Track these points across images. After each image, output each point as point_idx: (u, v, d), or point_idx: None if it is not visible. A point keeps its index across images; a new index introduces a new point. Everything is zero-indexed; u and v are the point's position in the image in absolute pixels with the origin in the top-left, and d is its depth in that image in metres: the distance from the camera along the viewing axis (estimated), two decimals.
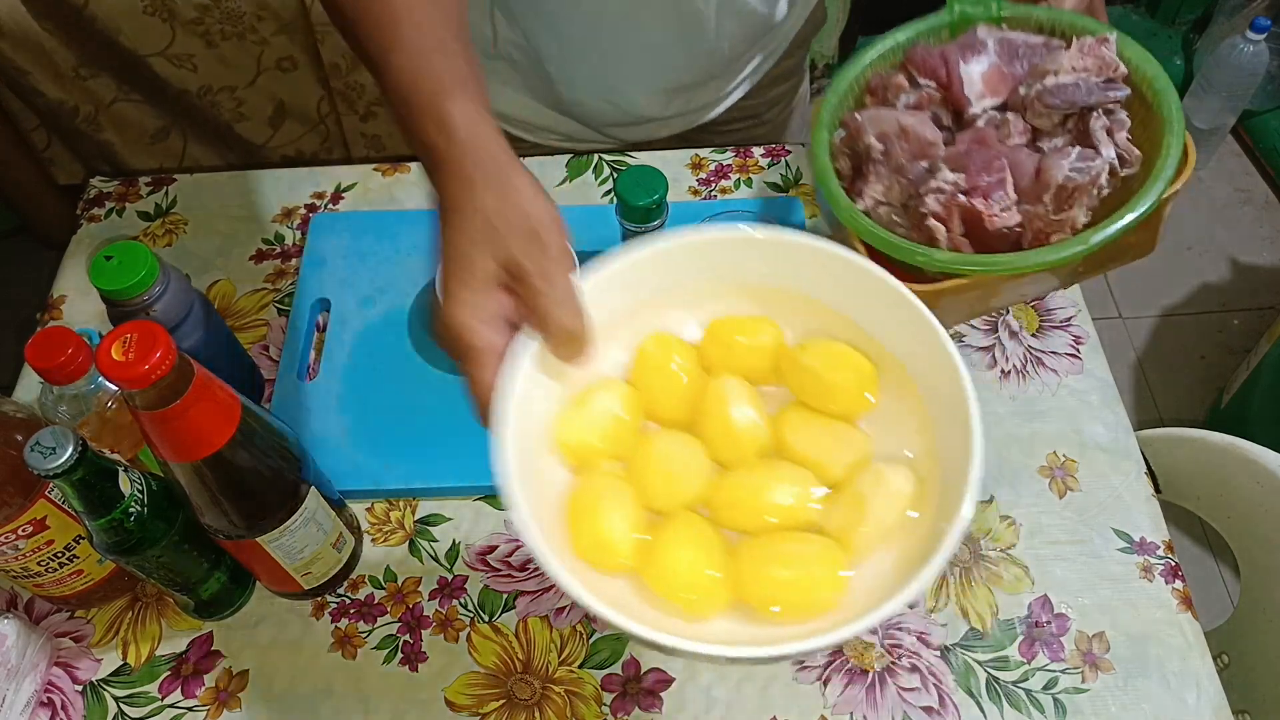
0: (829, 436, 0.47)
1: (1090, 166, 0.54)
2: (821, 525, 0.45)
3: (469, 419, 0.55)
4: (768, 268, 0.50)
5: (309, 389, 0.76)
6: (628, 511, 0.45)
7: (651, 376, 0.49)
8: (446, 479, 0.72)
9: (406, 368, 0.76)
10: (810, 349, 0.49)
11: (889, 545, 0.44)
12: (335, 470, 0.70)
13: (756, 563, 0.44)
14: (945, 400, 0.44)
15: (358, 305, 0.80)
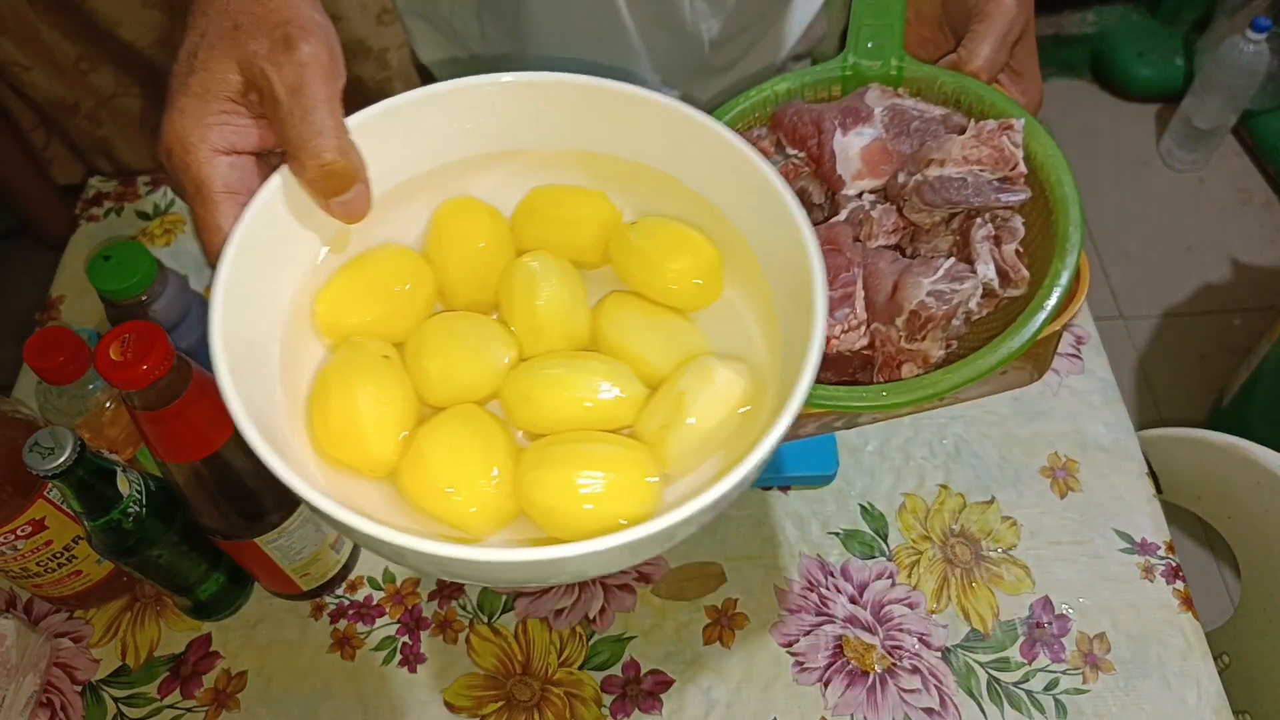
0: (656, 330, 0.40)
1: (955, 291, 0.43)
2: (636, 429, 0.38)
3: None
4: (607, 128, 0.41)
5: None
6: (388, 398, 0.36)
7: (447, 248, 0.41)
8: None
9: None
10: (645, 228, 0.41)
11: (706, 454, 0.37)
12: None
13: (544, 467, 0.35)
14: (793, 291, 0.37)
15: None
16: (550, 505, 0.34)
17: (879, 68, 0.49)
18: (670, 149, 0.41)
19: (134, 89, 1.54)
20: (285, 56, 0.35)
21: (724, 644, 0.67)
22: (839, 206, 0.48)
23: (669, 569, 0.69)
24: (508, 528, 0.35)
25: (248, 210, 0.36)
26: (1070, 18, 2.05)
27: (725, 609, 0.68)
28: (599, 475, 0.34)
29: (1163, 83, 2.00)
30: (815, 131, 0.47)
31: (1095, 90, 2.08)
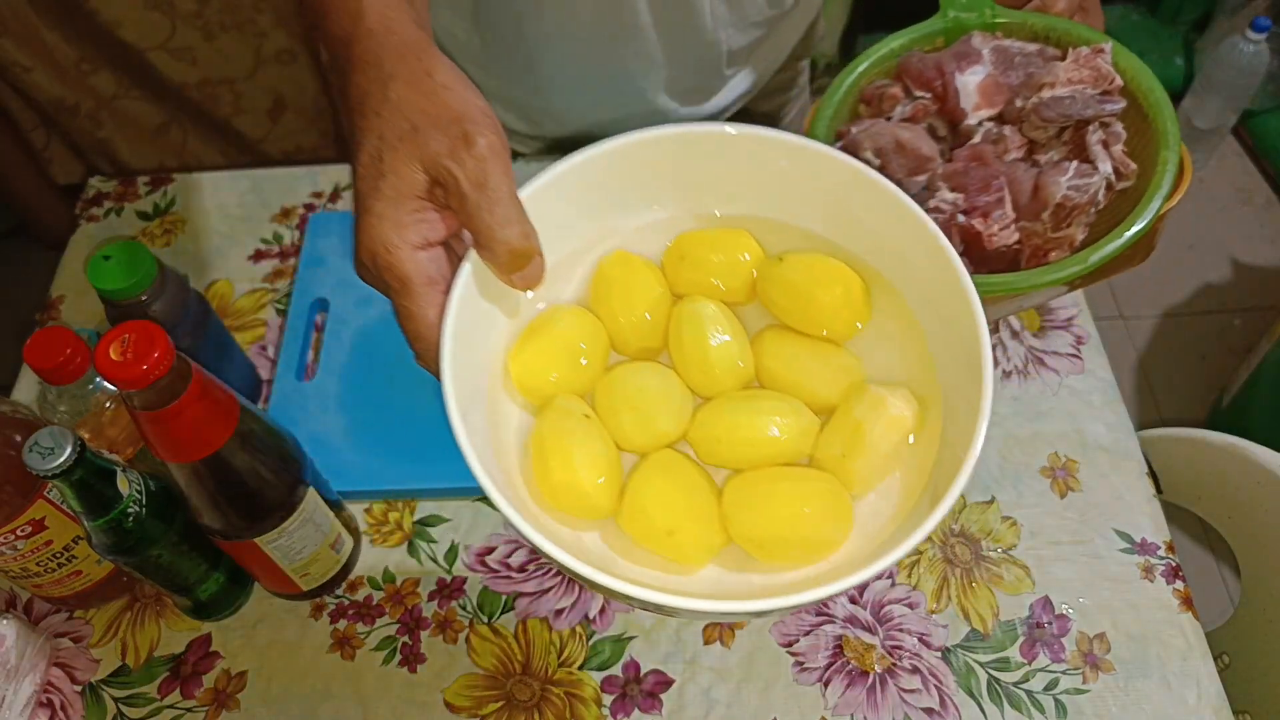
0: (816, 361, 0.43)
1: (1088, 184, 0.53)
2: (816, 457, 0.42)
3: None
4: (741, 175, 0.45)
5: (307, 389, 0.76)
6: (597, 452, 0.40)
7: (614, 301, 0.44)
8: (444, 480, 0.71)
9: (404, 369, 0.73)
10: (792, 263, 0.44)
11: (890, 475, 0.41)
12: (333, 471, 0.70)
13: (749, 502, 0.39)
14: (944, 315, 0.41)
15: (356, 305, 0.79)
16: (763, 538, 0.39)
17: (976, 18, 0.58)
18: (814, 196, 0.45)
19: (134, 91, 1.54)
20: (466, 153, 0.38)
21: (724, 644, 0.67)
22: (963, 135, 0.57)
23: None
24: (719, 556, 0.40)
25: (451, 298, 0.40)
26: None
27: None
28: (804, 508, 0.39)
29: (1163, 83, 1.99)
30: (939, 74, 0.56)
31: None
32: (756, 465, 0.42)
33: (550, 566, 0.70)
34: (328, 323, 0.79)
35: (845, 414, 0.41)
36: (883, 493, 0.41)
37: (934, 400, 0.42)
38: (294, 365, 0.76)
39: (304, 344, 0.78)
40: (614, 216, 0.45)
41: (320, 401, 0.75)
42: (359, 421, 0.74)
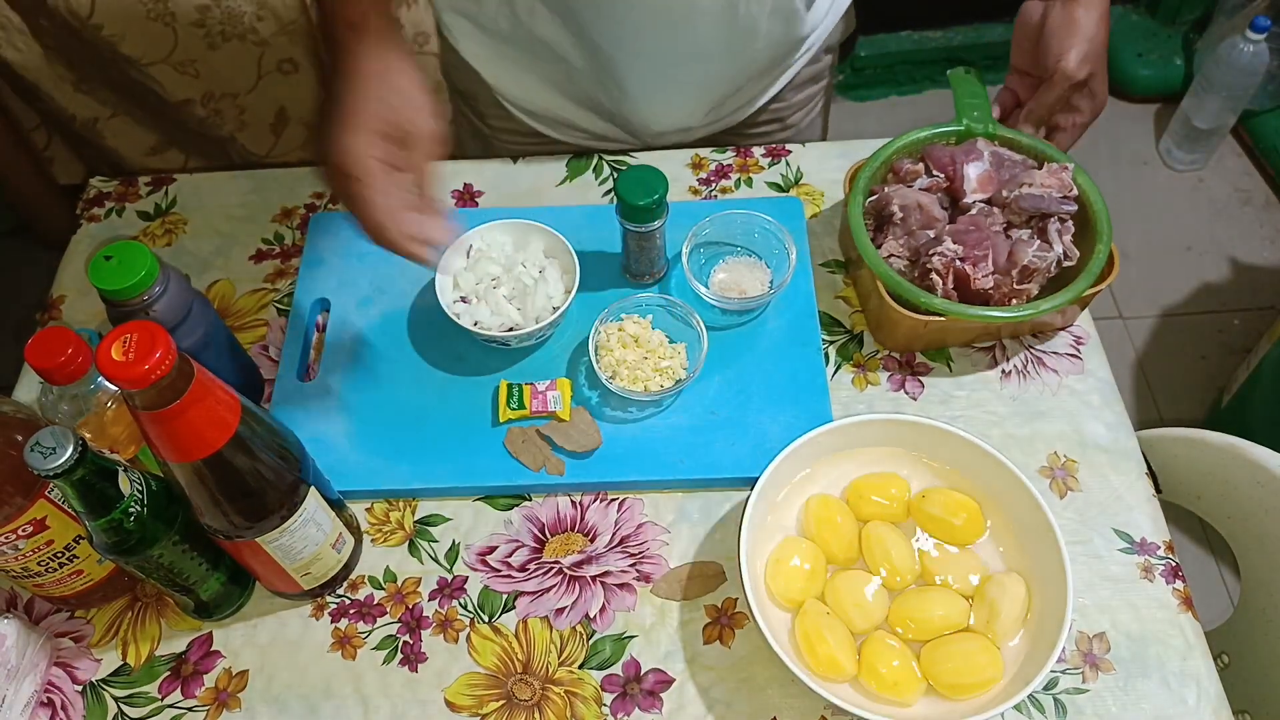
0: (958, 562, 0.66)
1: (1046, 256, 0.74)
2: (971, 626, 0.64)
3: (470, 422, 0.74)
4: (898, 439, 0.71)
5: (309, 389, 0.76)
6: (842, 637, 0.63)
7: (823, 530, 0.67)
8: (446, 479, 0.72)
9: (406, 368, 0.76)
10: (931, 498, 0.68)
11: (1018, 629, 0.64)
12: (335, 470, 0.70)
13: (939, 660, 0.62)
14: (1029, 523, 0.66)
15: (357, 306, 0.80)
16: (950, 681, 0.62)
17: (981, 129, 0.80)
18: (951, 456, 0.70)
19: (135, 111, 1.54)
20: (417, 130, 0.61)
21: (724, 644, 0.67)
22: (961, 208, 0.78)
23: (669, 569, 0.70)
24: (924, 696, 0.62)
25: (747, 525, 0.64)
26: None
27: (725, 608, 0.68)
28: (973, 660, 0.62)
29: (1162, 83, 2.00)
30: (951, 163, 0.78)
31: None
32: (934, 636, 0.64)
33: (551, 567, 0.70)
34: (329, 323, 0.79)
35: (983, 596, 0.65)
36: (1016, 642, 0.64)
37: (1032, 576, 0.65)
38: (295, 366, 0.76)
39: (305, 344, 0.78)
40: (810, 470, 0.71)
41: (321, 401, 0.75)
42: (360, 421, 0.74)
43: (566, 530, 0.71)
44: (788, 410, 0.73)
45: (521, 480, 0.71)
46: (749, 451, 0.71)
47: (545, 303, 0.75)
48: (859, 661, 0.63)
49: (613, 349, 0.74)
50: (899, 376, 0.78)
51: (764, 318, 0.79)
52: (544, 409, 0.73)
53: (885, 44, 2.03)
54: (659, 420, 0.74)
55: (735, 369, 0.76)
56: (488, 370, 0.76)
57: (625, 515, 0.72)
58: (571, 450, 0.72)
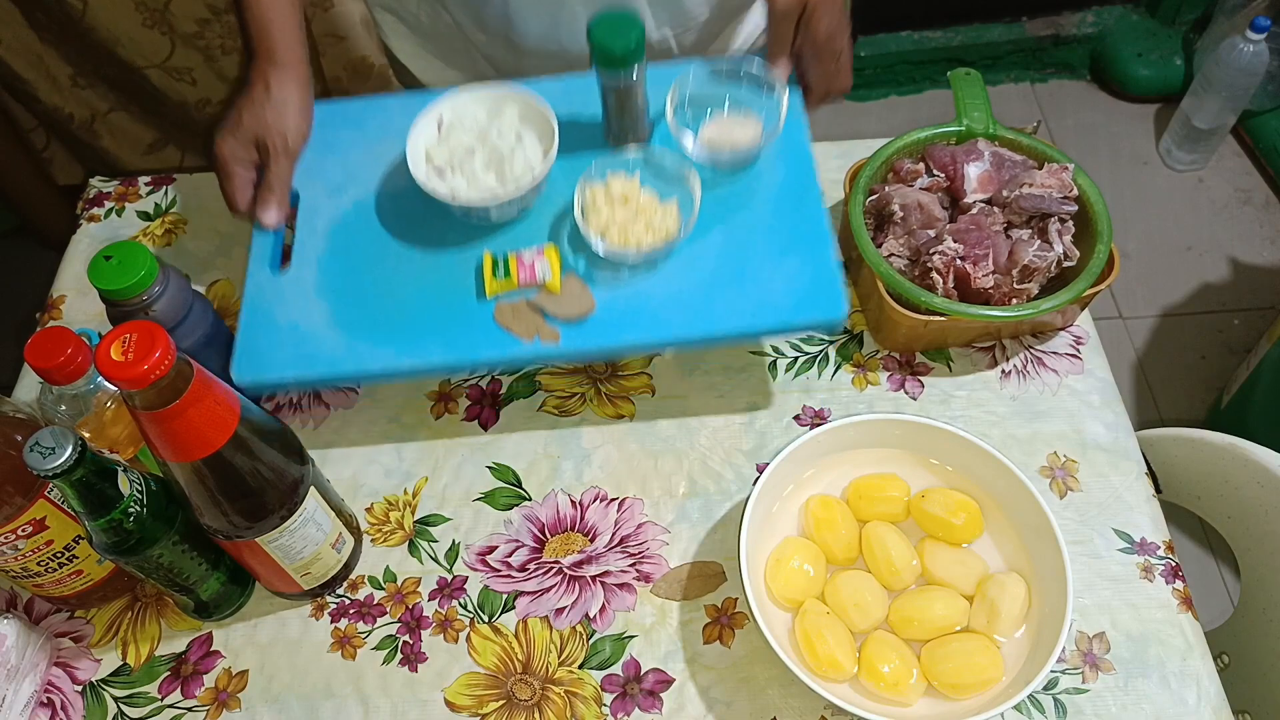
0: (958, 562, 0.66)
1: (1046, 256, 0.74)
2: (970, 626, 0.64)
3: (455, 298, 0.71)
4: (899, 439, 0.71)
5: (283, 280, 0.72)
6: (841, 636, 0.63)
7: (823, 530, 0.68)
8: (434, 356, 0.68)
9: (384, 251, 0.73)
10: (931, 498, 0.68)
11: (1018, 629, 0.64)
12: (317, 358, 0.68)
13: (939, 660, 0.63)
14: (1031, 523, 0.66)
15: (328, 194, 0.76)
16: (951, 681, 0.62)
17: (981, 129, 0.80)
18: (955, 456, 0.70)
19: (132, 108, 1.54)
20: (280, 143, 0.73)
21: (724, 643, 0.67)
22: (962, 208, 0.78)
23: (669, 569, 0.70)
24: (925, 696, 0.63)
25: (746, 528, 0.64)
26: (1070, 18, 2.05)
27: (725, 608, 0.68)
28: (973, 660, 0.62)
29: (1162, 83, 2.00)
30: (952, 162, 0.78)
31: (1095, 90, 2.08)
32: (934, 635, 0.64)
33: (551, 567, 0.70)
34: (299, 215, 0.75)
35: (984, 595, 0.65)
36: (1016, 641, 0.64)
37: (1033, 576, 0.65)
38: (266, 258, 0.73)
39: (277, 236, 0.74)
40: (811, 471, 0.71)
41: (299, 290, 0.71)
42: (341, 307, 0.70)
43: (566, 530, 0.71)
44: (790, 261, 0.69)
45: (514, 352, 0.68)
46: (752, 307, 0.68)
47: (525, 169, 0.71)
48: (859, 661, 0.63)
49: (600, 210, 0.70)
50: (899, 376, 0.78)
51: (758, 171, 0.74)
52: (532, 279, 0.69)
53: (885, 44, 2.03)
54: (655, 283, 0.70)
55: (732, 225, 0.72)
56: (469, 245, 0.72)
57: (625, 515, 0.72)
58: (564, 318, 0.68)
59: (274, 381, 0.68)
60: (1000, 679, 0.62)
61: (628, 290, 0.69)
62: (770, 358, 0.79)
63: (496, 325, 0.68)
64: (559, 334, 0.68)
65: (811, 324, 0.69)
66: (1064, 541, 0.63)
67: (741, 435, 0.75)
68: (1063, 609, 0.61)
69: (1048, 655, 0.59)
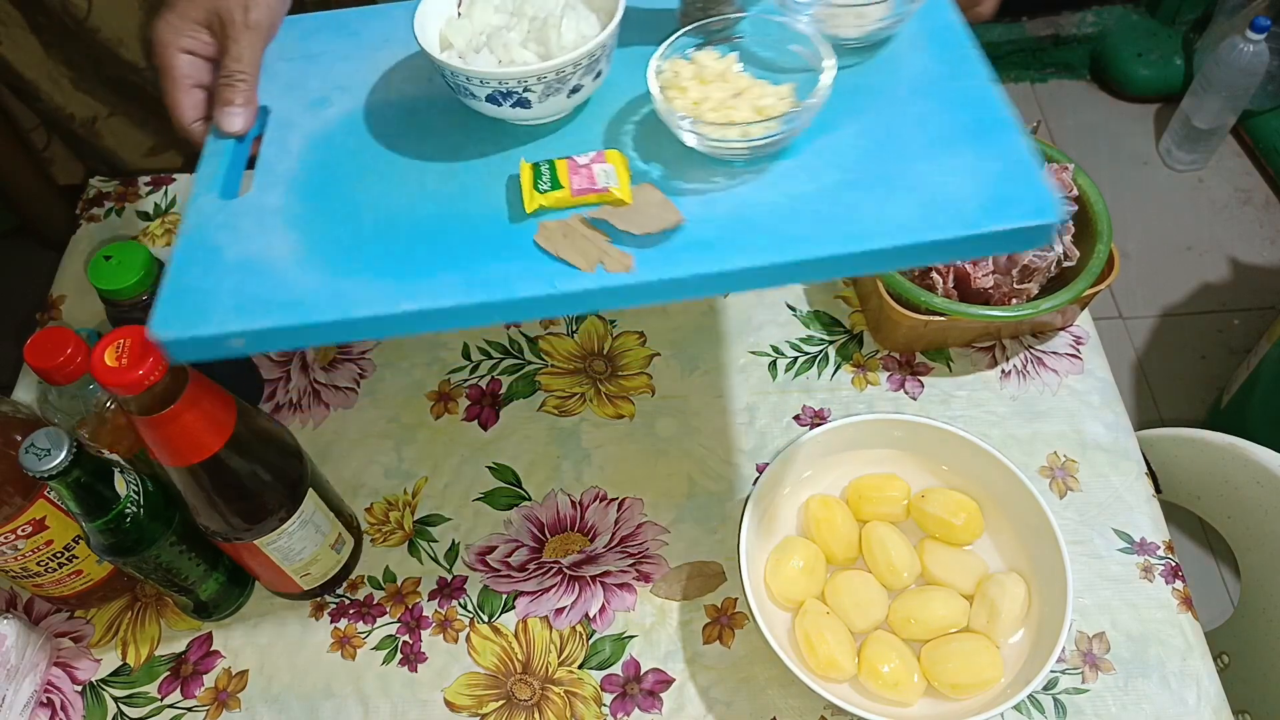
0: (957, 562, 0.66)
1: (1046, 255, 0.74)
2: (970, 626, 0.65)
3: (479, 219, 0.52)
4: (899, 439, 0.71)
5: (239, 207, 0.54)
6: (841, 636, 0.63)
7: (823, 530, 0.67)
8: (452, 294, 0.49)
9: (377, 165, 0.56)
10: (931, 498, 0.68)
11: (1018, 629, 0.64)
12: (282, 301, 0.49)
13: (939, 660, 0.63)
14: (1032, 526, 0.66)
15: (307, 108, 0.60)
16: (951, 681, 0.62)
17: None
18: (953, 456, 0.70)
19: (134, 109, 1.54)
20: (241, 16, 0.56)
21: (724, 643, 0.67)
22: None
23: (669, 569, 0.69)
24: (924, 695, 0.62)
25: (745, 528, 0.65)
26: (1070, 18, 2.05)
27: (725, 608, 0.68)
28: (974, 660, 0.62)
29: (1162, 83, 2.00)
30: None
31: (1095, 90, 2.08)
32: (934, 636, 0.64)
33: (551, 566, 0.70)
34: (267, 131, 0.59)
35: (984, 595, 0.65)
36: (1015, 641, 0.64)
37: (1032, 576, 0.66)
38: (217, 181, 0.56)
39: (235, 157, 0.58)
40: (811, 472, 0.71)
41: (259, 219, 0.54)
42: (318, 236, 0.53)
43: (566, 530, 0.71)
44: (965, 153, 0.51)
45: (567, 286, 0.48)
46: (918, 213, 0.49)
47: (575, 41, 0.53)
48: (859, 661, 0.63)
49: (686, 88, 0.52)
50: (899, 376, 0.78)
51: (895, 52, 0.57)
52: (590, 187, 0.50)
53: None
54: (764, 189, 0.51)
55: (870, 115, 0.53)
56: (496, 156, 0.55)
57: (625, 515, 0.72)
58: (640, 233, 0.49)
59: (212, 335, 0.48)
60: (1000, 679, 0.62)
61: (727, 198, 0.51)
62: (770, 358, 0.79)
63: (540, 251, 0.50)
64: (632, 260, 0.48)
65: (1011, 230, 0.48)
66: (1064, 541, 0.63)
67: (741, 435, 0.75)
68: (1062, 609, 0.61)
69: (1048, 655, 0.59)
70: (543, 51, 0.53)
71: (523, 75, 0.51)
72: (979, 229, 0.48)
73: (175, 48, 0.56)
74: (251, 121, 0.57)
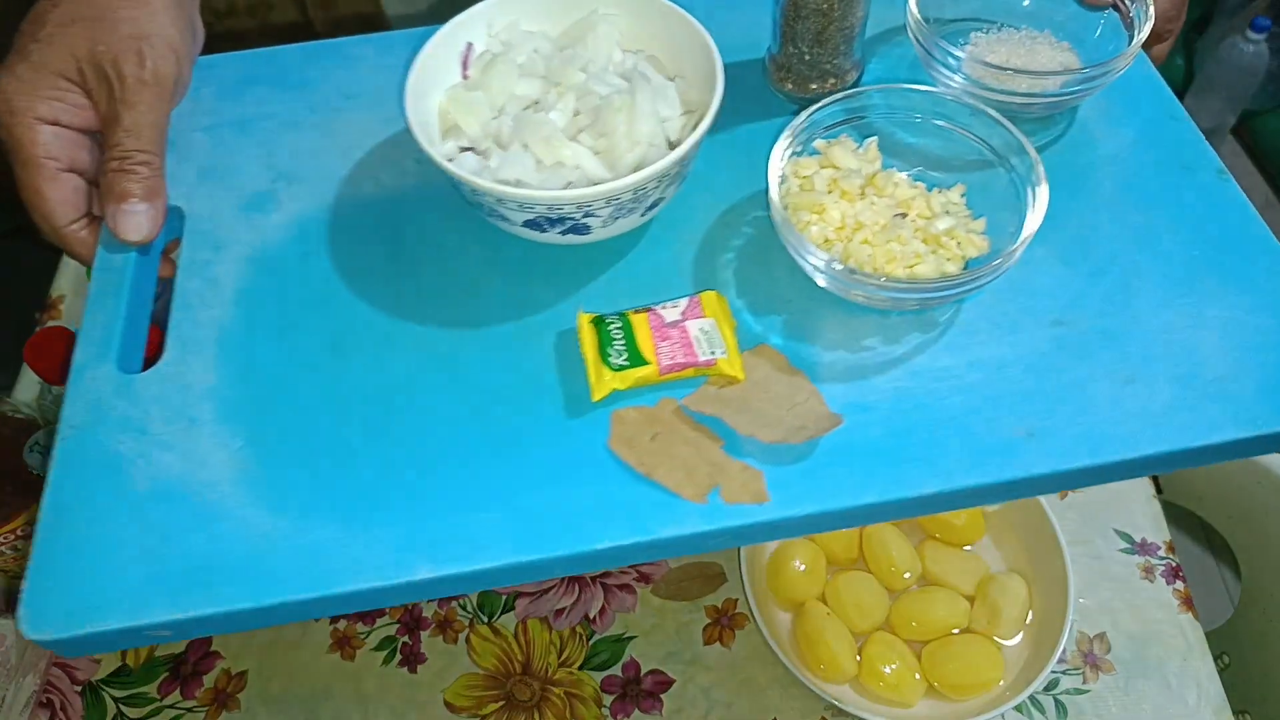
0: (958, 562, 0.66)
1: None
2: (971, 626, 0.64)
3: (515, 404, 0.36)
4: None
5: (147, 387, 0.38)
6: (842, 636, 0.63)
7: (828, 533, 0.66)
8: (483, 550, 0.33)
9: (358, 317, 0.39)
10: None
11: (1019, 629, 0.64)
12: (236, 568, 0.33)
13: (940, 661, 0.62)
14: (1033, 526, 0.66)
15: (240, 210, 0.42)
16: (953, 682, 0.62)
17: None
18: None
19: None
20: (139, 66, 0.38)
21: (724, 644, 0.67)
22: None
23: (669, 569, 0.69)
24: (925, 696, 0.62)
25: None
26: None
27: (725, 609, 0.68)
28: (974, 661, 0.62)
29: None
30: None
31: None
32: (934, 636, 0.64)
33: None
34: (183, 252, 0.42)
35: (984, 596, 0.65)
36: (1017, 641, 0.64)
37: (1033, 577, 0.65)
38: (113, 342, 0.39)
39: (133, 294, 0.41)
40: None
41: (180, 411, 0.37)
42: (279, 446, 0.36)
43: None
44: (1221, 300, 0.36)
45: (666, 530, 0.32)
46: (1167, 392, 0.34)
47: (652, 129, 0.37)
48: (859, 662, 0.63)
49: (824, 205, 0.37)
50: None
51: (1083, 124, 0.42)
52: (688, 360, 0.34)
53: None
54: (941, 355, 0.36)
55: (1074, 232, 0.39)
56: (535, 297, 0.38)
57: None
58: (772, 441, 0.33)
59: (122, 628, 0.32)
60: (1001, 680, 0.62)
61: (889, 371, 0.36)
62: None
63: (618, 463, 0.34)
64: (763, 483, 0.33)
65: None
66: (1065, 542, 0.63)
67: None
68: (1063, 609, 0.61)
69: (1048, 656, 0.59)
70: (604, 146, 0.37)
71: (586, 199, 0.33)
72: (1260, 429, 0.33)
73: (31, 116, 0.37)
74: (158, 225, 0.39)
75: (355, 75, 0.45)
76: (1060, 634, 0.60)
